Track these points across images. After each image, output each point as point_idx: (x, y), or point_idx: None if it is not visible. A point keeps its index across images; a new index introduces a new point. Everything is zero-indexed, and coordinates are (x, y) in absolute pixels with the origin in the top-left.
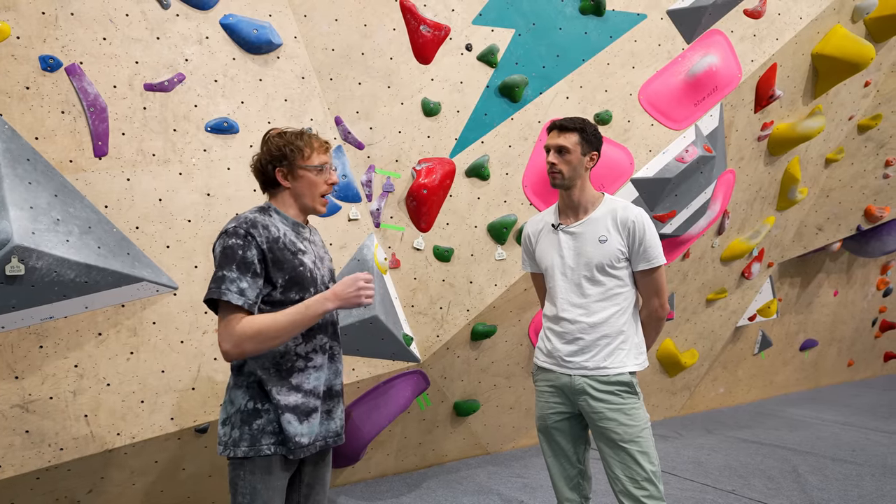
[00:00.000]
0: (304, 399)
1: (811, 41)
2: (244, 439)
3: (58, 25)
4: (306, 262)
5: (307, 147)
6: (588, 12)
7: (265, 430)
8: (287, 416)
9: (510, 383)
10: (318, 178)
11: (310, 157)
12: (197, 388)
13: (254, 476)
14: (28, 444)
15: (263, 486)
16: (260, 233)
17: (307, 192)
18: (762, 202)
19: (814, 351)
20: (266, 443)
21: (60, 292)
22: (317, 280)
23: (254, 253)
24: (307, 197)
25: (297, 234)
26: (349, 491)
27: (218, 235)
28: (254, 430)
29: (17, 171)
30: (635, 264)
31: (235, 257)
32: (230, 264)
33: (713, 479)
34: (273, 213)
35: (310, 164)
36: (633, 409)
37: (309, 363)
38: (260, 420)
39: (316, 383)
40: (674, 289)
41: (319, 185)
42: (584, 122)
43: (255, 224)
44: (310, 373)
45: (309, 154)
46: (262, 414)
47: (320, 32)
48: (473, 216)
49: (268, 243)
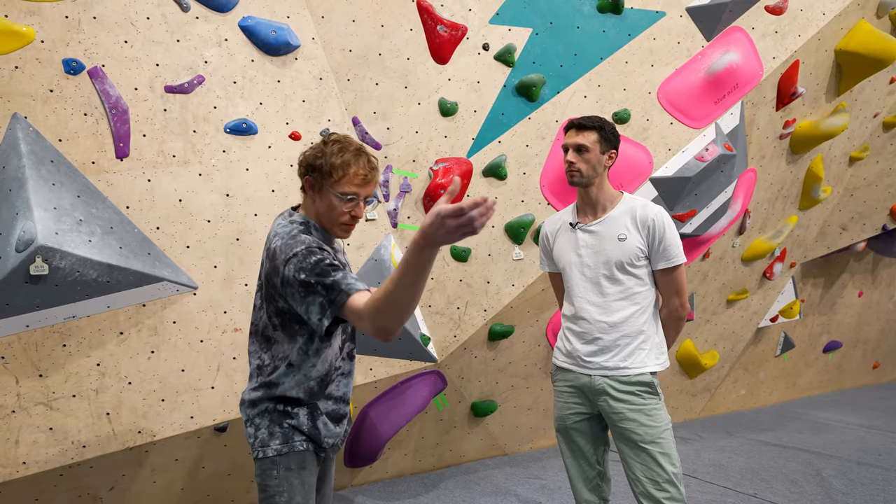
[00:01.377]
0: (335, 406)
1: (835, 37)
2: (275, 437)
3: (80, 29)
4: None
5: (339, 170)
6: (606, 10)
7: (298, 428)
8: (324, 418)
9: (528, 384)
10: (341, 206)
11: (339, 182)
12: (216, 387)
13: (290, 472)
14: (52, 441)
15: (300, 481)
16: (322, 246)
17: (325, 213)
18: (784, 201)
19: (838, 353)
20: (299, 439)
21: (83, 292)
22: None
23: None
24: (325, 218)
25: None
26: (367, 491)
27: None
28: (286, 428)
29: (41, 173)
30: (655, 263)
31: (325, 259)
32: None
33: (735, 483)
34: (313, 229)
35: (336, 188)
36: (653, 409)
37: (338, 370)
38: (291, 420)
39: (346, 389)
40: (694, 289)
41: (338, 213)
42: (602, 121)
43: (322, 245)
44: (339, 380)
45: (339, 178)
46: (291, 416)
47: (338, 33)
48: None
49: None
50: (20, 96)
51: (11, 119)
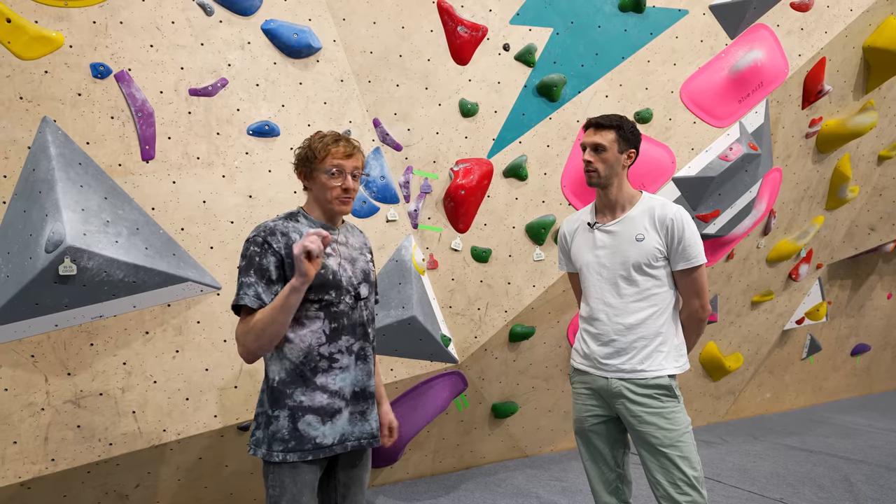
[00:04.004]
0: (329, 400)
1: (862, 34)
2: (264, 442)
3: (108, 34)
4: (329, 265)
5: (323, 150)
6: (628, 9)
7: (276, 436)
8: (308, 417)
9: (549, 385)
10: (329, 181)
11: (323, 161)
12: (239, 386)
13: (282, 471)
14: (79, 438)
15: (291, 480)
16: (277, 240)
17: (321, 194)
18: (810, 201)
19: (866, 356)
20: (276, 449)
21: (110, 292)
22: (341, 281)
23: (270, 260)
24: (322, 199)
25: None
26: (387, 491)
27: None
28: (269, 434)
29: (69, 175)
30: (674, 264)
31: (253, 264)
32: (248, 270)
33: (760, 487)
34: (301, 217)
35: (322, 166)
36: (672, 412)
37: (334, 364)
38: (272, 426)
39: (342, 384)
40: (717, 290)
41: (331, 189)
42: (621, 119)
43: (274, 232)
44: (335, 373)
45: (323, 157)
46: (272, 420)
47: (359, 35)
48: (511, 217)
49: (286, 249)
50: (50, 100)
51: (41, 123)
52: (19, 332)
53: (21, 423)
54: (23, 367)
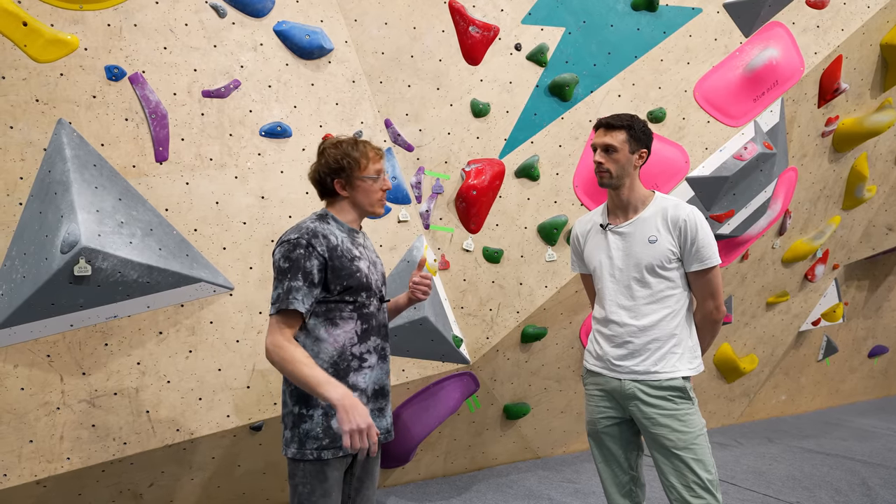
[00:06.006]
0: (358, 398)
1: (880, 31)
2: (294, 441)
3: (122, 37)
4: (362, 268)
5: (363, 157)
6: (640, 8)
7: (310, 434)
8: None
9: (561, 386)
10: (374, 186)
11: (366, 168)
12: (252, 386)
13: (313, 468)
14: (94, 437)
15: (323, 476)
16: (321, 242)
17: (364, 199)
18: (827, 201)
19: (884, 358)
20: (310, 448)
21: (124, 292)
22: (371, 285)
23: (314, 263)
24: (365, 204)
25: (353, 241)
26: (399, 492)
27: (278, 243)
28: (301, 433)
29: (84, 177)
30: (688, 265)
31: (298, 267)
32: (294, 273)
33: (775, 490)
34: (331, 220)
35: (367, 174)
36: (686, 414)
37: (363, 363)
38: (305, 424)
39: (368, 382)
40: (732, 291)
41: (375, 193)
42: (632, 119)
43: (317, 234)
44: (365, 372)
45: (365, 165)
46: (306, 419)
47: (370, 36)
48: (523, 217)
49: (328, 252)
50: (65, 102)
51: (57, 125)
52: (35, 331)
53: (37, 423)
54: (39, 367)
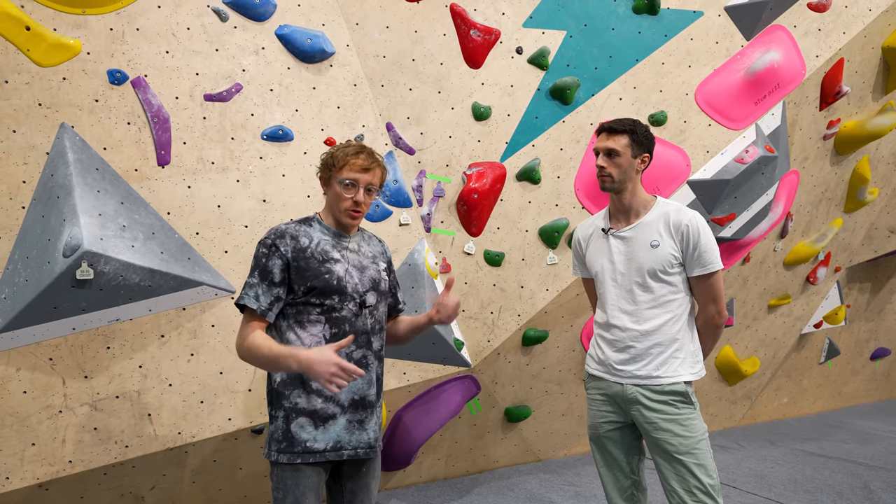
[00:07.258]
0: (323, 405)
1: (881, 34)
2: (267, 442)
3: (124, 41)
4: (334, 271)
5: (342, 159)
6: (642, 11)
7: (273, 436)
8: (301, 419)
9: (562, 389)
10: (342, 191)
11: (340, 170)
12: (253, 389)
13: (283, 472)
14: (96, 440)
15: (294, 482)
16: (286, 243)
17: (334, 203)
18: (828, 204)
19: (886, 360)
20: (272, 449)
21: (126, 295)
22: (346, 287)
23: (275, 262)
24: (334, 208)
25: (336, 244)
26: (400, 494)
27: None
28: (269, 434)
29: (86, 180)
30: (690, 270)
31: (259, 265)
32: (254, 271)
33: (777, 494)
34: (315, 222)
35: (338, 175)
36: (688, 419)
37: None
38: (272, 426)
39: (343, 391)
40: (733, 294)
41: (343, 200)
42: (635, 124)
43: (284, 234)
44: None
45: (341, 166)
46: (272, 420)
47: (372, 40)
48: (524, 220)
49: (293, 252)
50: (68, 106)
51: (59, 129)
52: (38, 335)
53: (39, 426)
54: (41, 370)
